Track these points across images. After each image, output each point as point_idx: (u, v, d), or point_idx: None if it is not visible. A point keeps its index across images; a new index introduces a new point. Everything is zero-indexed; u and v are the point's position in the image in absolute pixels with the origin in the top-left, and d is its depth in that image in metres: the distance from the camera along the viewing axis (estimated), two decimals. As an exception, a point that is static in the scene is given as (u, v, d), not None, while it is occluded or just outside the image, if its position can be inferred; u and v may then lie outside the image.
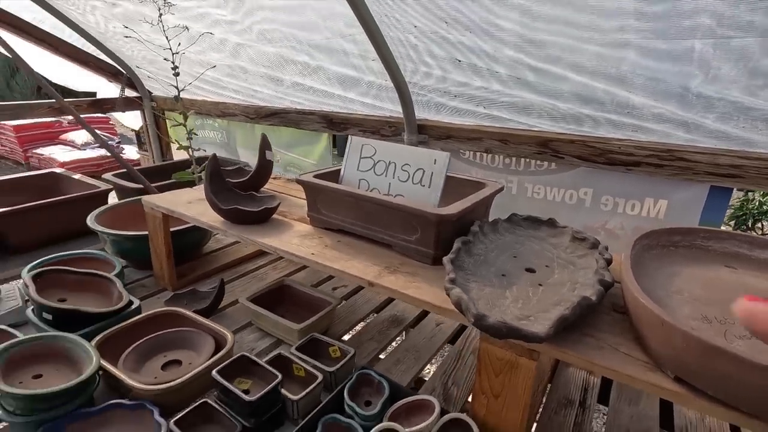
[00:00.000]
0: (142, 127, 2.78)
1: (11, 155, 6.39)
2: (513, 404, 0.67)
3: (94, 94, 2.76)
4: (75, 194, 1.69)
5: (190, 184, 1.82)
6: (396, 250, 0.88)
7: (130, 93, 2.64)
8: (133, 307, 0.97)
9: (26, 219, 1.53)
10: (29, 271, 1.11)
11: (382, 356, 1.03)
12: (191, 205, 1.13)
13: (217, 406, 0.74)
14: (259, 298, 1.06)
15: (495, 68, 1.18)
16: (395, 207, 0.84)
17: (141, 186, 1.83)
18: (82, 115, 2.14)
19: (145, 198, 1.17)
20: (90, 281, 1.02)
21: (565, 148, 1.26)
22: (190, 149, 1.75)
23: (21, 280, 1.10)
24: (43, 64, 2.59)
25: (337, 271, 0.81)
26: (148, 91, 2.66)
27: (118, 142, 6.47)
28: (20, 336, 0.86)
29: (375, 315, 1.18)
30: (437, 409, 0.71)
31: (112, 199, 1.75)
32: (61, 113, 2.34)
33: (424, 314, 1.17)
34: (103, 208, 1.40)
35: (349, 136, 1.06)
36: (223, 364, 0.78)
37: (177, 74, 1.59)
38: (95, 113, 2.60)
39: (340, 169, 1.05)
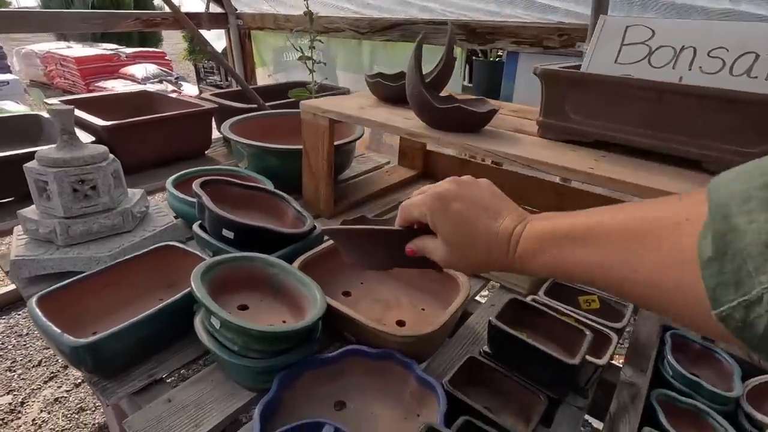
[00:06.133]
0: (225, 49, 2.55)
1: (74, 88, 6.40)
2: None
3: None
4: (181, 111, 1.50)
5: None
6: (709, 169, 0.62)
7: (214, 9, 2.39)
8: (317, 231, 0.77)
9: (132, 135, 1.35)
10: (175, 183, 0.93)
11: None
12: (366, 110, 0.90)
13: (492, 364, 0.54)
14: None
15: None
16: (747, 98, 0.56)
17: (249, 107, 1.62)
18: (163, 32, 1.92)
19: (307, 102, 0.95)
20: (259, 198, 0.83)
21: None
22: (311, 61, 1.50)
23: (165, 193, 0.93)
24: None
25: (651, 191, 0.56)
26: (234, 7, 2.40)
27: (177, 78, 6.34)
28: (203, 256, 0.69)
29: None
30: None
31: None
32: (146, 26, 2.13)
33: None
34: (234, 119, 1.20)
35: (601, 16, 0.77)
36: (499, 307, 0.57)
37: (307, -38, 1.31)
38: (180, 29, 2.39)
39: (577, 65, 0.78)
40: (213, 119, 1.51)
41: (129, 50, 6.53)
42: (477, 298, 0.79)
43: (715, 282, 0.22)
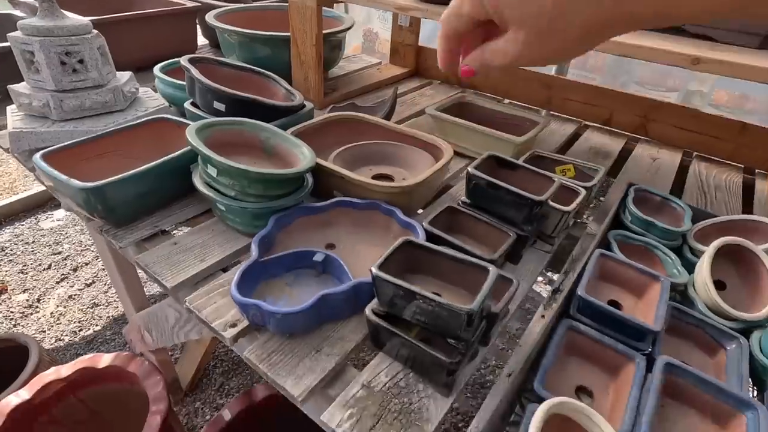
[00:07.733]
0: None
1: (45, 4, 5.94)
2: None
3: None
4: (161, 9, 1.43)
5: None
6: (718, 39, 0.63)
7: None
8: (307, 108, 0.79)
9: (108, 35, 1.29)
10: (163, 71, 0.92)
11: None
12: (354, -12, 0.87)
13: (468, 211, 0.59)
14: (446, 111, 0.86)
15: None
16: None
17: (235, 6, 1.54)
18: None
19: (292, -22, 0.91)
20: (248, 78, 0.83)
21: None
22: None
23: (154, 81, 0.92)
24: None
25: (649, 51, 0.58)
26: None
27: None
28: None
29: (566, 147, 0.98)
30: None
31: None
32: None
33: (630, 148, 0.96)
34: (219, 10, 1.15)
35: None
36: (477, 160, 0.61)
37: None
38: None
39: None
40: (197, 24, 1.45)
41: (99, -40, 5.96)
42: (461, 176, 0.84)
43: None
